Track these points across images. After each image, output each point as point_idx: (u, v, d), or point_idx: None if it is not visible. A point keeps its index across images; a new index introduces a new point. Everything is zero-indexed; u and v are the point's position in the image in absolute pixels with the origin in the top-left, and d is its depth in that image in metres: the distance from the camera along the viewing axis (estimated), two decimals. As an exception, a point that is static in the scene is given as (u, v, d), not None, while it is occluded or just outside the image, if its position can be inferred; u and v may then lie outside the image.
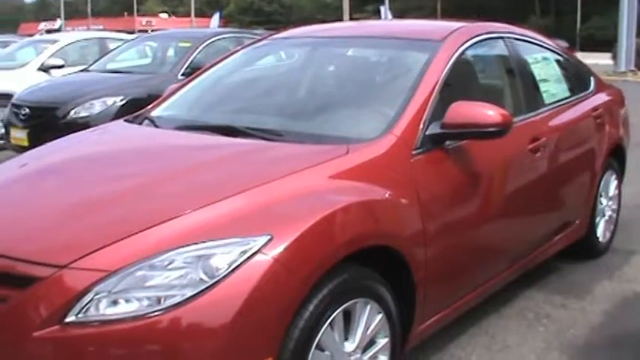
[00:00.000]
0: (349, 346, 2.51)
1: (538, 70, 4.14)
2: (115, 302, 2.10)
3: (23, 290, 2.16)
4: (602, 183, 4.66)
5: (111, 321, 2.08)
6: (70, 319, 2.09)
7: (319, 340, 2.34)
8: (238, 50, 4.21)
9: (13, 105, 7.90)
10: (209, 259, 2.14)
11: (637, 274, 4.56)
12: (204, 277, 2.11)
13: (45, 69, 9.87)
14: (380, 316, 2.61)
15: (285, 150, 2.84)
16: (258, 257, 2.16)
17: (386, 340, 2.68)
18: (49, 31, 13.95)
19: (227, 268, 2.12)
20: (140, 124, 3.57)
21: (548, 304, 4.02)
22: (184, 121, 3.44)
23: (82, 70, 9.11)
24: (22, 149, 7.80)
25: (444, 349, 3.42)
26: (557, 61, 4.49)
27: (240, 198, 2.39)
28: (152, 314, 2.06)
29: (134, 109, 7.61)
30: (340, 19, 50.92)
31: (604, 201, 4.80)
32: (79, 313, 2.09)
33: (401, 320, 2.75)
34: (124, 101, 7.58)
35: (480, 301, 3.53)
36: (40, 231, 2.39)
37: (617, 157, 4.92)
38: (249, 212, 2.33)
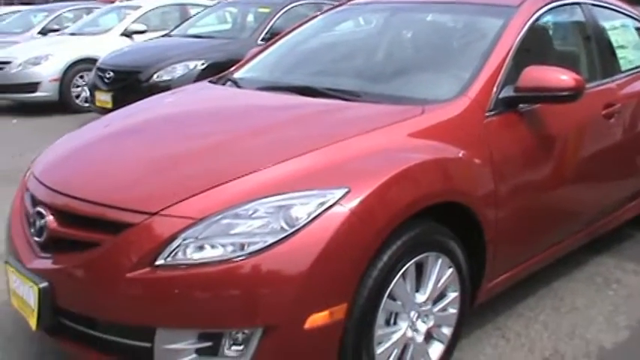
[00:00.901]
0: (420, 297, 2.64)
1: (615, 37, 4.10)
2: (201, 247, 2.25)
3: (116, 235, 2.34)
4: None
5: (197, 264, 2.23)
6: (159, 262, 2.25)
7: (391, 290, 2.47)
8: (317, 16, 4.31)
9: (98, 69, 8.25)
10: (289, 209, 2.28)
11: None
12: (285, 226, 2.25)
13: (128, 34, 10.20)
14: (450, 270, 2.72)
15: (362, 109, 2.96)
16: (336, 209, 2.29)
17: (456, 294, 2.79)
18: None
19: (306, 218, 2.26)
20: (223, 84, 3.75)
21: (620, 270, 4.05)
22: (265, 82, 3.59)
23: (163, 36, 9.39)
24: (106, 111, 8.17)
25: (513, 308, 3.51)
26: (637, 28, 4.43)
27: (319, 153, 2.52)
28: (236, 259, 2.22)
29: (215, 72, 7.89)
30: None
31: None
32: (168, 256, 2.25)
33: (471, 276, 2.86)
34: (204, 65, 7.81)
35: (550, 262, 3.60)
36: (130, 182, 2.57)
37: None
38: (327, 166, 2.46)
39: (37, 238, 2.60)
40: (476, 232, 2.82)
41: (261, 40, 8.49)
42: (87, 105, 9.20)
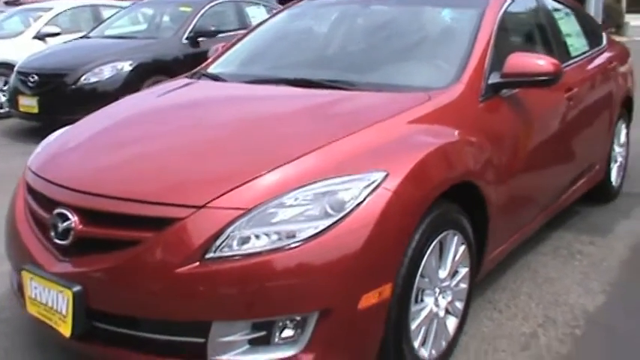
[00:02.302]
0: (442, 273, 2.78)
1: (563, 26, 4.42)
2: (251, 238, 2.26)
3: (160, 231, 2.30)
4: (615, 130, 4.99)
5: (249, 255, 2.24)
6: (210, 255, 2.25)
7: (422, 268, 2.60)
8: (283, 10, 4.36)
9: (19, 73, 7.92)
10: (334, 195, 2.34)
11: (650, 214, 4.93)
12: (331, 212, 2.31)
13: (41, 37, 9.83)
14: (463, 246, 2.88)
15: (371, 98, 3.06)
16: (379, 191, 2.38)
17: (466, 269, 2.95)
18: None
19: (352, 202, 2.33)
20: (208, 79, 3.74)
21: (578, 243, 4.36)
22: (255, 76, 3.61)
23: (81, 37, 9.12)
24: (30, 116, 7.89)
25: (497, 283, 3.72)
26: (576, 17, 4.77)
27: (349, 140, 2.60)
28: (288, 247, 2.25)
29: (143, 73, 7.78)
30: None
31: (616, 148, 5.13)
32: (218, 249, 2.25)
33: (476, 250, 3.03)
34: (132, 66, 7.68)
35: (531, 235, 3.85)
36: (166, 176, 2.53)
37: (626, 107, 5.26)
38: (361, 152, 2.54)
39: (59, 241, 2.51)
40: (480, 208, 2.98)
41: (186, 39, 8.44)
42: (4, 110, 8.83)
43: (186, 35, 8.43)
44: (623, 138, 5.29)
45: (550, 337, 3.19)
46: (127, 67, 7.63)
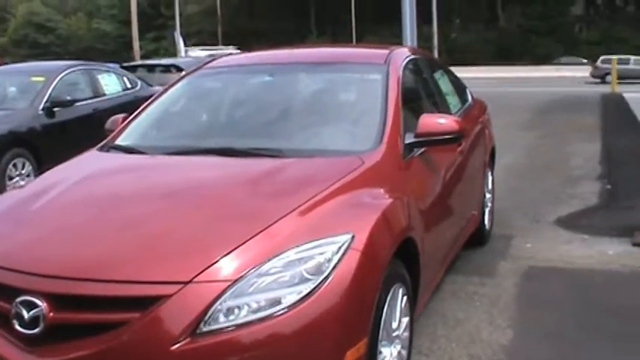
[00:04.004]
0: (394, 324, 2.94)
1: (442, 85, 4.84)
2: (237, 308, 2.33)
3: (146, 310, 2.29)
4: (486, 178, 5.49)
5: (240, 325, 2.30)
6: (201, 329, 2.28)
7: (383, 321, 2.75)
8: (182, 78, 4.40)
9: None
10: (311, 260, 2.46)
11: (521, 253, 5.43)
12: (310, 276, 2.42)
13: None
14: (405, 298, 3.07)
15: (313, 163, 3.20)
16: (350, 253, 2.52)
17: (407, 318, 3.14)
18: None
19: (329, 265, 2.46)
20: (134, 153, 3.67)
21: (471, 285, 4.71)
22: (181, 148, 3.60)
23: None
24: None
25: (414, 328, 3.93)
26: (448, 76, 5.23)
27: (310, 205, 2.73)
28: (277, 314, 2.33)
29: (2, 145, 7.38)
30: (126, 48, 49.87)
31: (487, 194, 5.63)
32: (209, 322, 2.29)
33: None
34: (-11, 139, 7.28)
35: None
36: (143, 252, 2.52)
37: (492, 157, 5.80)
38: (324, 216, 2.69)
39: (25, 331, 2.39)
40: (413, 262, 3.19)
41: (42, 109, 8.15)
42: None
43: (42, 105, 8.13)
44: (490, 184, 5.81)
45: (480, 374, 3.44)
46: (-17, 140, 7.23)
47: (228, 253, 2.44)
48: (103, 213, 2.89)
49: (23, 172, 7.71)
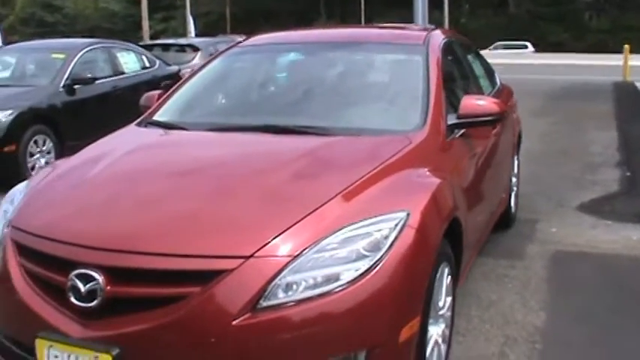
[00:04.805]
0: (440, 303, 2.96)
1: (475, 67, 4.84)
2: (298, 283, 2.33)
3: (207, 285, 2.29)
4: (513, 161, 5.50)
5: (300, 301, 2.31)
6: (262, 304, 2.28)
7: (432, 299, 2.77)
8: (219, 55, 4.36)
9: None
10: (369, 237, 2.46)
11: (548, 237, 5.45)
12: (368, 253, 2.43)
13: None
14: (450, 277, 3.09)
15: (362, 142, 3.21)
16: (406, 230, 2.54)
17: (450, 298, 3.16)
18: None
19: (387, 242, 2.47)
20: (174, 129, 3.67)
21: (501, 267, 4.74)
22: (223, 124, 3.60)
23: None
24: None
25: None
26: (479, 60, 5.23)
27: (365, 183, 2.73)
28: (336, 290, 2.34)
29: (25, 122, 7.41)
30: (134, 28, 49.72)
31: (513, 178, 5.64)
32: (269, 298, 2.29)
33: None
34: (12, 115, 7.29)
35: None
36: (202, 226, 2.50)
37: (518, 141, 5.80)
38: (379, 193, 2.69)
39: (82, 304, 2.39)
40: (457, 241, 3.21)
41: (62, 86, 8.15)
42: None
43: (63, 82, 8.13)
44: (516, 168, 5.82)
45: (518, 355, 3.47)
46: (8, 116, 7.23)
47: (287, 229, 2.44)
48: (154, 186, 2.88)
49: (44, 148, 7.72)
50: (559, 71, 26.01)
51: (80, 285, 2.40)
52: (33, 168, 7.52)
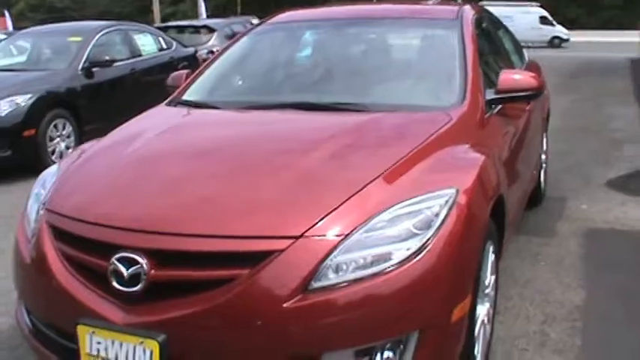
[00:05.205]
0: (486, 282, 2.90)
1: (505, 42, 4.75)
2: (348, 264, 2.24)
3: (256, 266, 2.21)
4: (542, 139, 5.42)
5: (351, 281, 2.22)
6: (313, 285, 2.20)
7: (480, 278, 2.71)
8: (248, 33, 4.29)
9: None
10: (419, 214, 2.38)
11: (578, 214, 5.38)
12: (418, 231, 2.35)
13: None
14: (493, 256, 3.02)
15: (401, 118, 3.13)
16: (456, 207, 2.46)
17: (494, 276, 3.10)
18: None
19: (437, 220, 2.39)
20: (205, 108, 3.60)
21: (533, 245, 4.67)
22: (256, 102, 3.53)
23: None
24: None
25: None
26: (508, 35, 5.13)
27: (410, 159, 2.66)
28: (387, 270, 2.26)
29: (43, 105, 7.37)
30: (144, 11, 49.47)
31: (542, 155, 5.56)
32: (320, 279, 2.21)
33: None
34: (32, 99, 7.25)
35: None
36: (248, 206, 2.41)
37: (547, 117, 5.71)
38: (424, 172, 2.62)
39: (124, 289, 2.31)
40: (500, 219, 3.14)
41: (80, 69, 8.10)
42: None
43: (81, 65, 8.08)
44: (545, 146, 5.73)
45: (559, 333, 3.42)
46: (27, 100, 7.19)
47: (336, 208, 2.36)
48: (192, 166, 2.80)
49: (64, 132, 7.68)
50: (576, 48, 25.73)
51: (122, 269, 2.32)
52: (53, 152, 7.50)
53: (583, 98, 12.46)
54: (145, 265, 2.30)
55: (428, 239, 2.35)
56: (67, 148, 7.65)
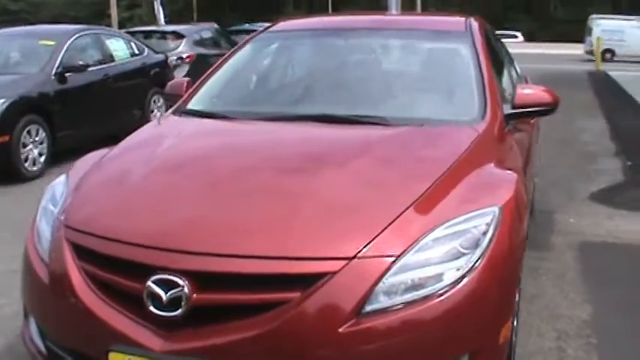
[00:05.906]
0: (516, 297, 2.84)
1: (505, 55, 4.75)
2: (400, 286, 2.17)
3: (308, 289, 2.11)
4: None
5: (405, 304, 2.14)
6: (366, 309, 2.11)
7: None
8: (250, 41, 4.14)
9: None
10: (466, 234, 2.31)
11: (568, 228, 5.42)
12: (466, 251, 2.28)
13: None
14: (519, 270, 2.98)
15: (430, 133, 3.06)
16: (500, 225, 2.39)
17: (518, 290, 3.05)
18: None
19: (484, 239, 2.32)
20: (216, 118, 3.46)
21: (532, 260, 4.63)
22: (273, 113, 3.41)
23: None
24: None
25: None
26: (504, 47, 5.13)
27: (446, 179, 2.58)
28: (439, 292, 2.18)
29: (17, 111, 7.11)
30: (99, 16, 48.75)
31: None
32: (372, 302, 2.12)
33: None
34: (6, 104, 6.99)
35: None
36: (294, 226, 2.29)
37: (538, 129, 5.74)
38: (465, 189, 2.54)
39: (163, 313, 2.16)
40: None
41: (54, 74, 7.86)
42: None
43: (54, 70, 7.84)
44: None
45: (575, 349, 3.40)
46: (1, 105, 6.93)
47: (385, 228, 2.26)
48: (226, 182, 2.67)
49: (37, 139, 7.42)
50: (534, 60, 26.19)
51: (161, 292, 2.17)
52: (26, 159, 7.24)
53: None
54: (186, 288, 2.16)
55: (477, 259, 2.28)
56: (40, 155, 7.41)
